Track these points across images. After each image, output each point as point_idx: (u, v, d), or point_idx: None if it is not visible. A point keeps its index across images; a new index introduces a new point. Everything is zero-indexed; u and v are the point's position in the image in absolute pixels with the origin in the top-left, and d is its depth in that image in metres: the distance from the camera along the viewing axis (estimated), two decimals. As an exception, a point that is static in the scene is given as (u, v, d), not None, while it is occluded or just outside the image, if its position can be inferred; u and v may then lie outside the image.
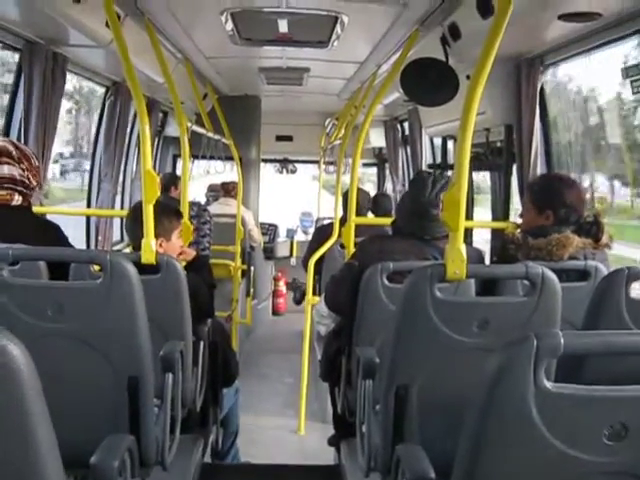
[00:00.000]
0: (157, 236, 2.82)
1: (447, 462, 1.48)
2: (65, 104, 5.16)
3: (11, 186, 2.79)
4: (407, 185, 7.80)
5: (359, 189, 4.83)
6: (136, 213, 2.95)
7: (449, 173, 4.03)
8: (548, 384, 1.33)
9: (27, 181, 2.83)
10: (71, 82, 5.92)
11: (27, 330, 2.09)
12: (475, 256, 2.99)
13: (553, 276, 2.20)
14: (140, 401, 2.19)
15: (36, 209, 3.40)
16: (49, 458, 1.31)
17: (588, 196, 3.34)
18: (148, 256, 2.71)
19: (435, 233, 2.94)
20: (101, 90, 5.56)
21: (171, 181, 6.16)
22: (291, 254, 9.27)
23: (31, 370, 1.26)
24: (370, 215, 5.70)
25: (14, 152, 2.81)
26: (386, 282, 2.81)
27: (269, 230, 9.21)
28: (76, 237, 4.94)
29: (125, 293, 2.13)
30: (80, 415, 2.17)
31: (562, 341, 1.31)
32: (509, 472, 1.38)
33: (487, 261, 3.81)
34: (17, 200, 2.81)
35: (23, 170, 2.81)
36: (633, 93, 3.17)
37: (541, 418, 1.33)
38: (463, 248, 2.18)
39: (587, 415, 1.34)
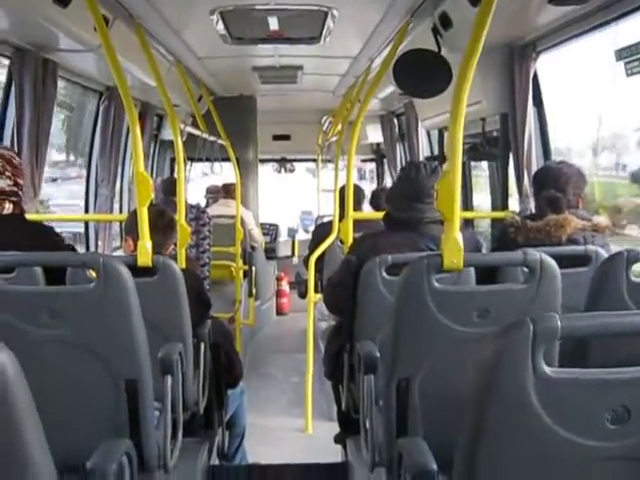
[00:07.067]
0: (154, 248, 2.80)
1: (451, 453, 1.46)
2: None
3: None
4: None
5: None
6: (134, 217, 2.93)
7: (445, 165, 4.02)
8: (547, 369, 1.30)
9: (16, 188, 2.81)
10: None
11: (22, 337, 2.07)
12: (471, 241, 2.98)
13: (552, 262, 2.18)
14: (139, 404, 2.17)
15: (32, 217, 3.39)
16: (42, 468, 1.28)
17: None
18: (144, 258, 2.69)
19: (428, 216, 2.91)
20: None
21: (175, 185, 6.13)
22: (293, 253, 9.22)
23: (20, 378, 1.23)
24: (370, 210, 5.68)
25: None
26: (385, 275, 2.79)
27: (270, 230, 9.18)
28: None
29: (119, 295, 2.10)
30: (79, 421, 2.16)
31: (559, 324, 1.29)
32: (510, 459, 1.35)
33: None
34: (8, 209, 2.79)
35: (9, 178, 2.78)
36: (627, 75, 3.13)
37: (541, 404, 1.30)
38: (459, 237, 2.16)
39: (588, 399, 1.32)
